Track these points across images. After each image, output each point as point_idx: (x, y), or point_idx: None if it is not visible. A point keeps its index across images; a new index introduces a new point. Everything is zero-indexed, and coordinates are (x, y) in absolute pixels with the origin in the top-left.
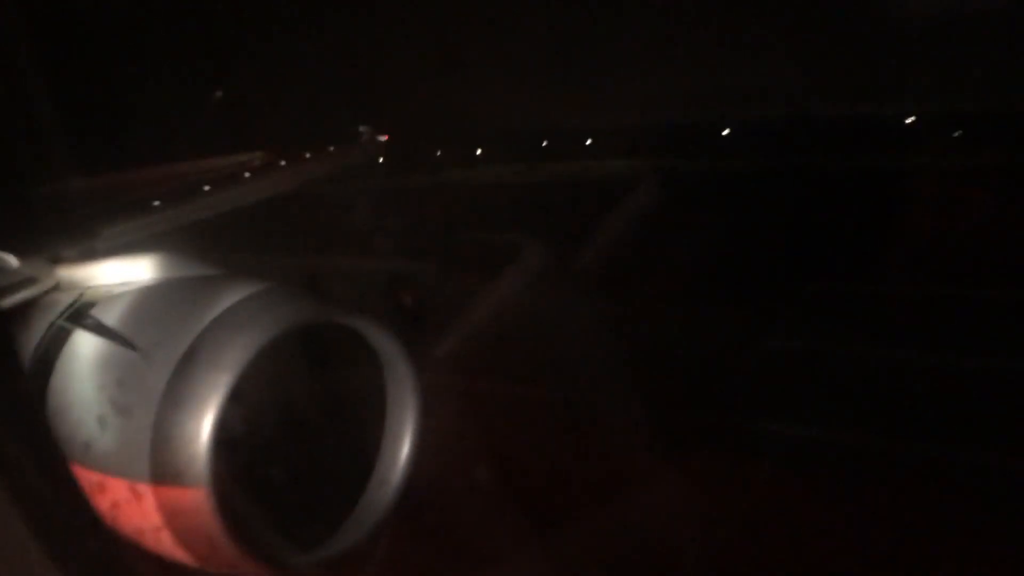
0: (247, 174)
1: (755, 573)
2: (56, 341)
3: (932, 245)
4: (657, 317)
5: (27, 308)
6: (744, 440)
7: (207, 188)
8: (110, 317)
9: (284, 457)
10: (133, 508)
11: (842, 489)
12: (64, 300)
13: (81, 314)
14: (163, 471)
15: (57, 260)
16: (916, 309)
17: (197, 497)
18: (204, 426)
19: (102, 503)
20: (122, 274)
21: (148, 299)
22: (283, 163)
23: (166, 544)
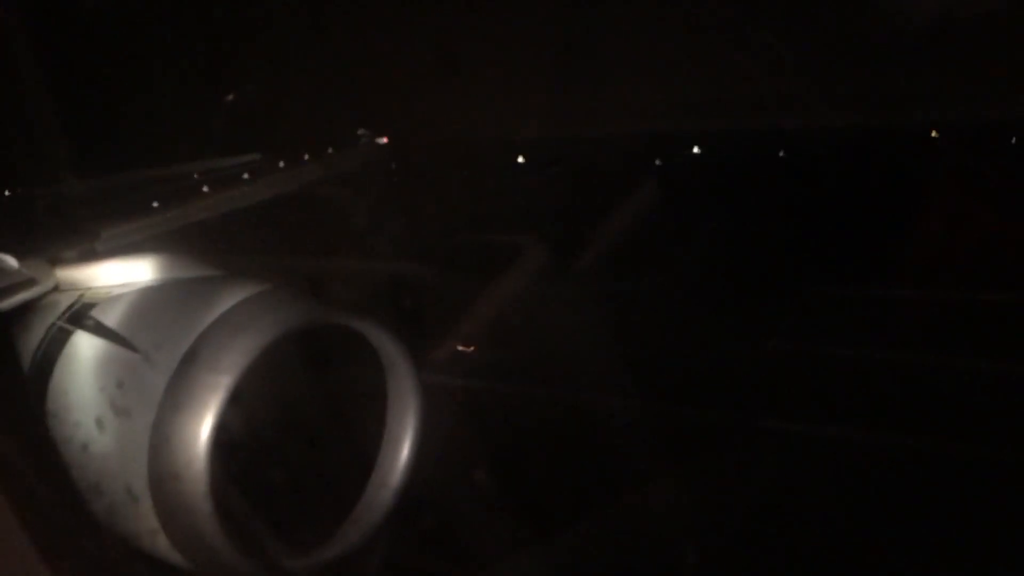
0: (246, 176)
1: (755, 573)
2: (56, 342)
3: (934, 248)
4: (657, 317)
5: (27, 309)
6: (744, 439)
7: (206, 190)
8: (110, 318)
9: (283, 459)
10: (130, 510)
11: (842, 489)
12: (64, 301)
13: (81, 315)
14: (161, 473)
15: (57, 262)
16: (917, 310)
17: (195, 500)
18: (203, 428)
19: (99, 505)
20: (122, 275)
21: (148, 301)
22: (281, 165)
23: (162, 547)
